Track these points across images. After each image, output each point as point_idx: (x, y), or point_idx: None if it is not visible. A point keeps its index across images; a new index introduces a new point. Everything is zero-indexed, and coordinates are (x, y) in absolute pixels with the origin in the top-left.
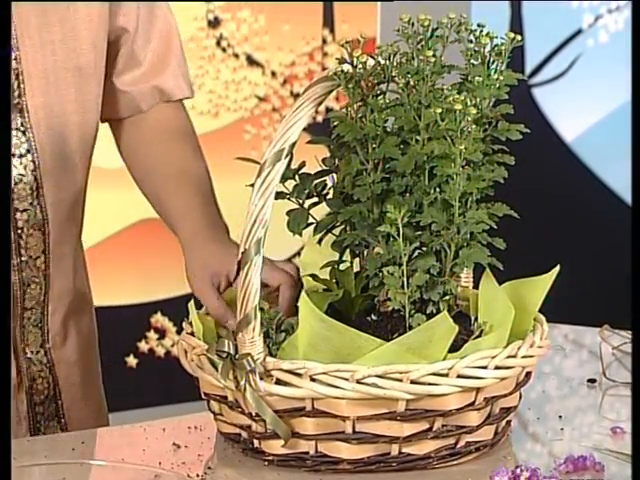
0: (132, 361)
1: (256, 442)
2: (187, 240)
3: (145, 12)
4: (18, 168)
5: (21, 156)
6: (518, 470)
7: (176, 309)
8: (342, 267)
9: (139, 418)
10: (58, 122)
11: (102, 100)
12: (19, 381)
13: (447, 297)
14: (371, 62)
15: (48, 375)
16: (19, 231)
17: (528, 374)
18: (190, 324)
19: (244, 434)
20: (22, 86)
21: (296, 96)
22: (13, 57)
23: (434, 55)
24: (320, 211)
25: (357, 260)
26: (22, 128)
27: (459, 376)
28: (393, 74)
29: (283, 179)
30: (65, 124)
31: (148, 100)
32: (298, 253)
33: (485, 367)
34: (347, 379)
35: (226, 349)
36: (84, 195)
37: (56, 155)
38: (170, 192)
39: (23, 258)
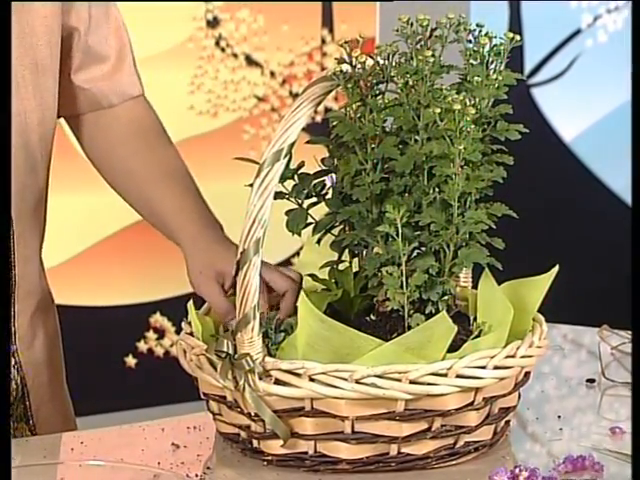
0: (131, 361)
1: (255, 442)
2: (188, 241)
3: (100, 10)
4: None
5: None
6: (517, 470)
7: (175, 309)
8: (341, 267)
9: (138, 418)
10: (18, 120)
11: (58, 96)
12: None
13: (446, 297)
14: (370, 62)
15: (16, 377)
16: None
17: (527, 374)
18: (189, 324)
19: (243, 434)
20: None
21: (295, 96)
22: None
23: (433, 55)
24: (319, 211)
25: (356, 260)
26: None
27: (458, 376)
28: (392, 74)
29: (282, 179)
30: (25, 122)
31: (110, 97)
32: (297, 253)
33: (484, 367)
34: (346, 379)
35: (225, 349)
36: (46, 195)
37: (19, 154)
38: (161, 194)
39: None
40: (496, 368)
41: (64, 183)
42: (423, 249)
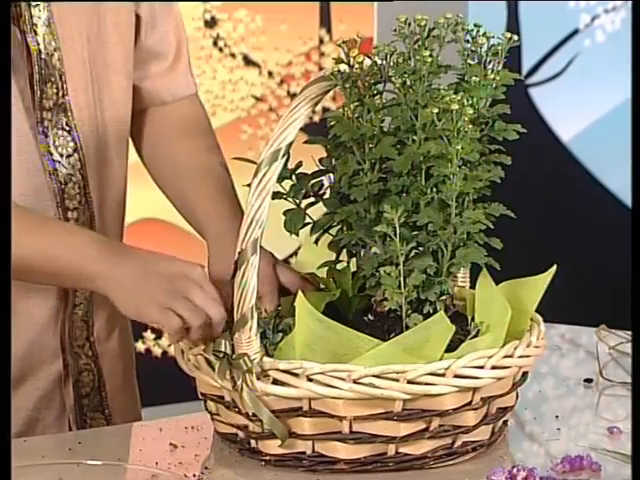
0: None
1: (253, 442)
2: (214, 238)
3: (163, 5)
4: (67, 168)
5: (69, 156)
6: (515, 470)
7: None
8: (339, 267)
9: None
10: (99, 120)
11: None
12: (65, 374)
13: (444, 297)
14: (368, 62)
15: (93, 368)
16: None
17: (525, 374)
18: None
19: (241, 434)
20: (65, 86)
21: (293, 96)
22: (57, 58)
23: (431, 55)
24: (317, 211)
25: (354, 260)
26: (67, 127)
27: (456, 376)
28: (390, 74)
29: (280, 179)
30: (103, 121)
31: (163, 95)
32: (295, 253)
33: (482, 367)
34: (344, 379)
35: (223, 349)
36: (125, 194)
37: (99, 153)
38: (196, 190)
39: None
40: (494, 368)
41: None
42: (421, 249)
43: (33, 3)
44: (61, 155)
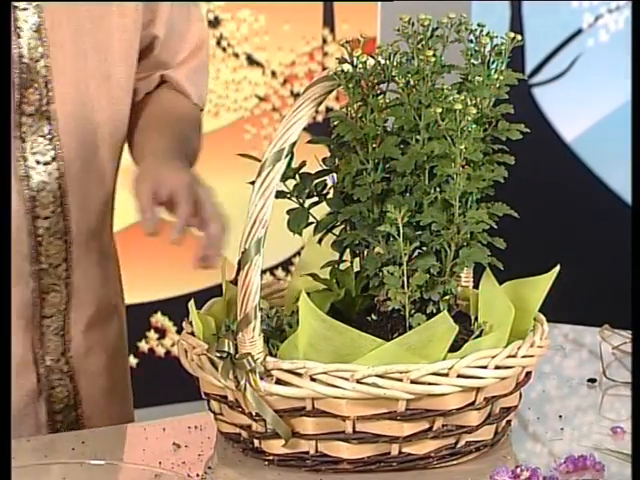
0: (132, 361)
1: (256, 442)
2: (142, 158)
3: (181, 20)
4: (42, 175)
5: (46, 164)
6: (518, 470)
7: (176, 309)
8: (342, 267)
9: (139, 418)
10: (89, 131)
11: None
12: (39, 389)
13: (447, 297)
14: (371, 62)
15: (68, 384)
16: (39, 238)
17: (528, 374)
18: (190, 324)
19: (244, 434)
20: (50, 94)
21: (296, 96)
22: (43, 64)
23: (434, 55)
24: (320, 211)
25: (357, 260)
26: (49, 136)
27: (459, 376)
28: (393, 74)
29: (283, 178)
30: (95, 133)
31: (151, 83)
32: (298, 253)
33: (485, 367)
34: (347, 379)
35: (226, 349)
36: (113, 202)
37: (85, 164)
38: (147, 136)
39: (43, 265)
40: (497, 368)
41: None
42: (424, 249)
43: (20, 6)
44: (37, 162)
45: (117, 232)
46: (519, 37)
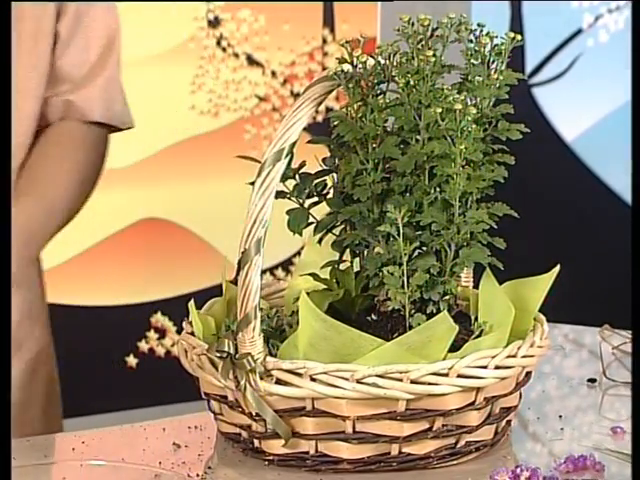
0: (132, 361)
1: (256, 442)
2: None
3: (77, 25)
4: None
5: None
6: (518, 470)
7: (176, 309)
8: (342, 267)
9: (139, 418)
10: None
11: None
12: None
13: (447, 297)
14: (371, 62)
15: None
16: None
17: (528, 374)
18: (190, 324)
19: (244, 434)
20: None
21: (296, 96)
22: None
23: (434, 55)
24: (320, 211)
25: (357, 260)
26: None
27: (459, 376)
28: (393, 74)
29: (283, 178)
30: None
31: (54, 112)
32: (298, 253)
33: (485, 367)
34: (347, 379)
35: (226, 349)
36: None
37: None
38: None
39: None
40: (497, 368)
41: None
42: (424, 249)
43: None
44: None
45: (117, 232)
46: (519, 37)
